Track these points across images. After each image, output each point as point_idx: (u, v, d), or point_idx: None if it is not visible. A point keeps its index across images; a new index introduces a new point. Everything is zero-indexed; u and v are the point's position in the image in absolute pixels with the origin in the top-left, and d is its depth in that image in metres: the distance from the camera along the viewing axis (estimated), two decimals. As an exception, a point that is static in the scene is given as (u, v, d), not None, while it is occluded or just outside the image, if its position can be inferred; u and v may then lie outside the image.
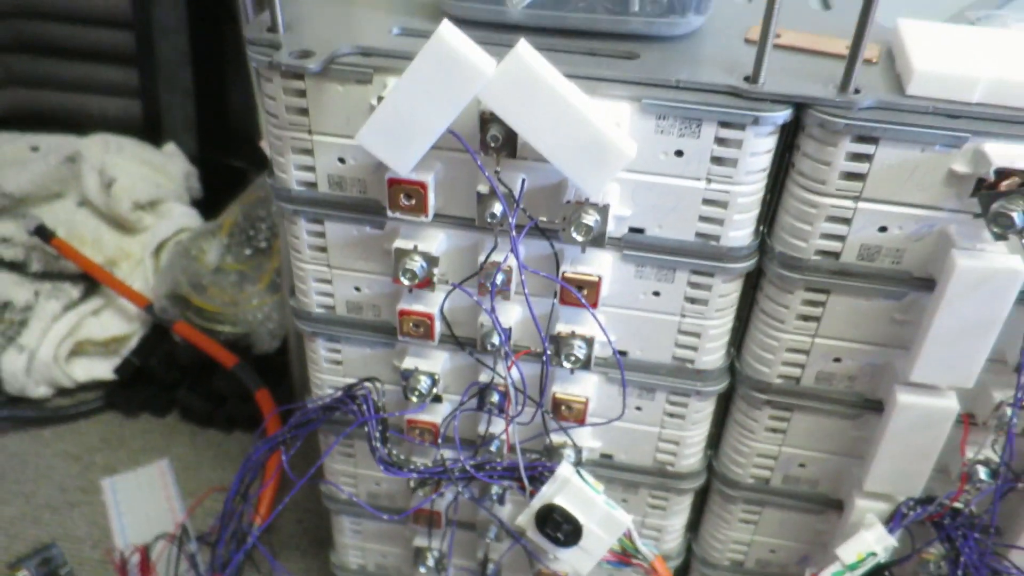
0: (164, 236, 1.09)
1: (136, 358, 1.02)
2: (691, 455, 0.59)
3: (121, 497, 0.91)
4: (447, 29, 0.41)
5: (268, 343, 0.98)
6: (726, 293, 0.51)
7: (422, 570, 0.67)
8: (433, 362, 0.56)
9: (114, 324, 1.05)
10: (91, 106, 1.28)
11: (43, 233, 1.04)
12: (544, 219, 0.48)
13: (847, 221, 0.47)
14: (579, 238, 0.46)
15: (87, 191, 1.10)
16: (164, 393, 1.02)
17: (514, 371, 0.54)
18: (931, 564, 0.57)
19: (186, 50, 1.20)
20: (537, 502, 0.52)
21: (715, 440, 0.61)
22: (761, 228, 0.50)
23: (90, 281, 1.06)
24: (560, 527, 0.51)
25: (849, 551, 0.51)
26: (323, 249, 0.54)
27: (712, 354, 0.54)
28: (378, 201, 0.51)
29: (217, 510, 0.91)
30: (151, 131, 1.24)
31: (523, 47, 0.41)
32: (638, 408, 0.57)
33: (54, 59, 1.26)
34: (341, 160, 0.50)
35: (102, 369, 1.03)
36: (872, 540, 0.50)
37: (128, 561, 0.77)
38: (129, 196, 1.08)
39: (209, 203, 1.17)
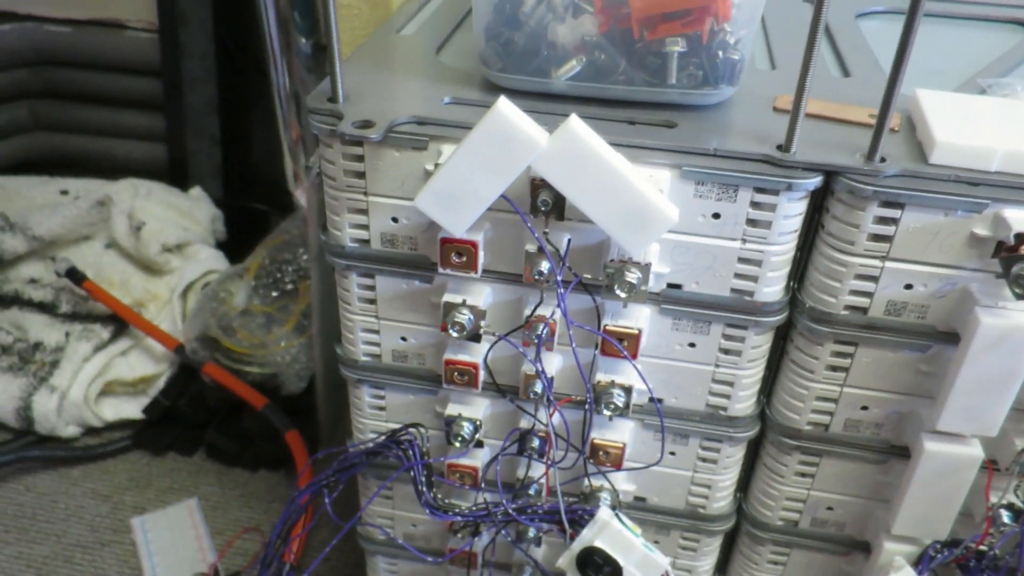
0: (191, 278, 1.12)
1: (165, 398, 1.04)
2: (722, 498, 0.61)
3: (151, 536, 0.92)
4: (505, 104, 0.44)
5: (295, 384, 1.00)
6: (758, 344, 0.54)
7: (457, 610, 0.69)
8: (475, 408, 0.59)
9: (142, 365, 1.07)
10: (118, 151, 1.31)
11: (74, 275, 1.07)
12: (588, 276, 0.51)
13: (874, 279, 0.49)
14: (622, 294, 0.49)
15: (116, 234, 1.13)
16: (191, 433, 1.04)
17: (555, 418, 0.56)
18: (957, 605, 0.59)
19: (214, 98, 1.23)
20: (578, 545, 0.54)
21: (745, 483, 0.63)
22: (792, 284, 0.53)
23: (119, 322, 1.08)
24: (601, 569, 0.53)
25: (879, 593, 0.53)
26: (372, 301, 0.57)
27: (744, 402, 0.56)
28: (428, 257, 0.54)
29: (244, 548, 0.93)
30: (177, 175, 1.27)
31: (575, 120, 0.44)
32: (672, 453, 0.59)
33: (83, 105, 1.29)
34: (394, 219, 0.53)
35: (130, 409, 1.06)
36: (901, 583, 0.53)
37: (164, 601, 0.78)
38: (157, 239, 1.11)
39: (234, 246, 1.21)
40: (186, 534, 0.93)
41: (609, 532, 0.53)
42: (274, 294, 1.06)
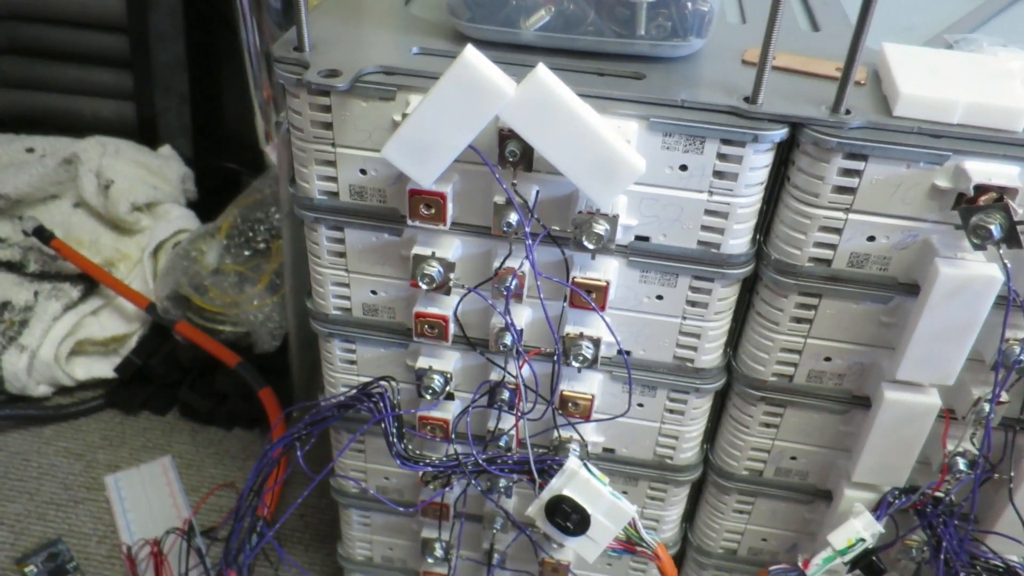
0: (162, 238, 1.11)
1: (137, 357, 1.04)
2: (689, 449, 0.62)
3: (125, 494, 0.93)
4: (472, 53, 0.44)
5: (268, 343, 1.00)
6: (725, 297, 0.54)
7: (429, 560, 0.70)
8: (446, 362, 0.59)
9: (113, 324, 1.06)
10: (85, 109, 1.29)
11: (42, 234, 1.05)
12: (556, 228, 0.51)
13: (838, 231, 0.50)
14: (590, 246, 0.49)
15: (84, 193, 1.11)
16: (164, 392, 1.04)
17: (525, 370, 0.57)
18: (913, 550, 0.61)
19: (182, 55, 1.21)
20: (547, 494, 0.55)
21: (711, 435, 0.64)
22: (758, 237, 0.53)
23: (89, 281, 1.07)
24: (569, 517, 0.54)
25: (840, 537, 0.54)
26: (342, 255, 0.57)
27: (710, 354, 0.57)
28: (397, 210, 0.54)
29: (219, 505, 0.94)
30: (146, 134, 1.25)
31: (542, 70, 0.44)
32: (640, 405, 0.60)
33: (49, 62, 1.27)
34: (363, 171, 0.53)
35: (102, 368, 1.05)
36: (861, 527, 0.54)
37: (137, 555, 0.79)
38: (127, 198, 1.10)
39: (205, 205, 1.19)
40: (160, 491, 0.93)
41: (577, 481, 0.54)
42: (246, 253, 1.06)
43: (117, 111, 1.28)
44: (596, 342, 0.54)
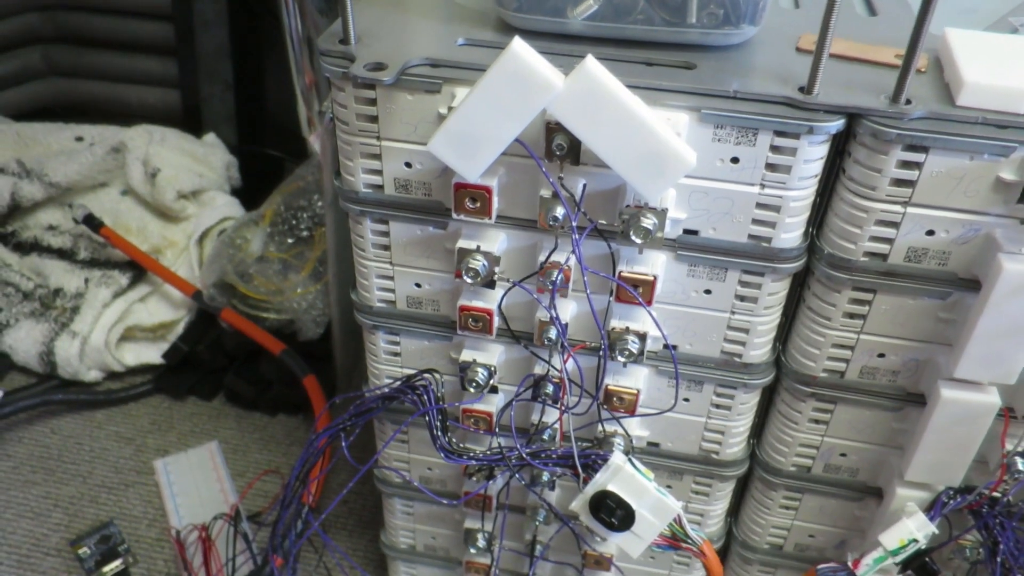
0: (207, 225, 1.12)
1: (184, 344, 1.06)
2: (735, 444, 0.62)
3: (174, 478, 0.94)
4: (520, 45, 0.43)
5: (312, 330, 1.01)
6: (775, 291, 0.53)
7: (472, 551, 0.70)
8: (490, 355, 0.59)
9: (161, 311, 1.08)
10: (131, 97, 1.31)
11: (91, 222, 1.07)
12: (603, 222, 0.50)
13: (895, 225, 0.49)
14: (638, 240, 0.49)
15: (132, 181, 1.13)
16: (210, 377, 1.06)
17: (569, 364, 0.56)
18: (967, 550, 0.59)
19: (226, 42, 1.22)
20: (591, 489, 0.54)
21: (758, 429, 0.63)
22: (811, 230, 0.52)
23: (137, 268, 1.09)
24: (614, 512, 0.53)
25: (891, 537, 0.53)
26: (386, 247, 0.57)
27: (759, 349, 0.56)
28: (442, 203, 0.53)
29: (265, 490, 0.95)
30: (190, 121, 1.27)
31: (591, 62, 0.43)
32: (686, 399, 0.59)
33: (96, 50, 1.29)
34: (408, 164, 0.52)
35: (150, 354, 1.07)
36: (913, 527, 0.53)
37: (186, 540, 0.80)
38: (173, 186, 1.11)
39: (248, 192, 1.20)
40: (207, 476, 0.95)
41: (622, 476, 0.53)
42: (290, 241, 1.07)
43: (163, 99, 1.29)
44: (642, 337, 0.54)
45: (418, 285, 0.58)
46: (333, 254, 0.91)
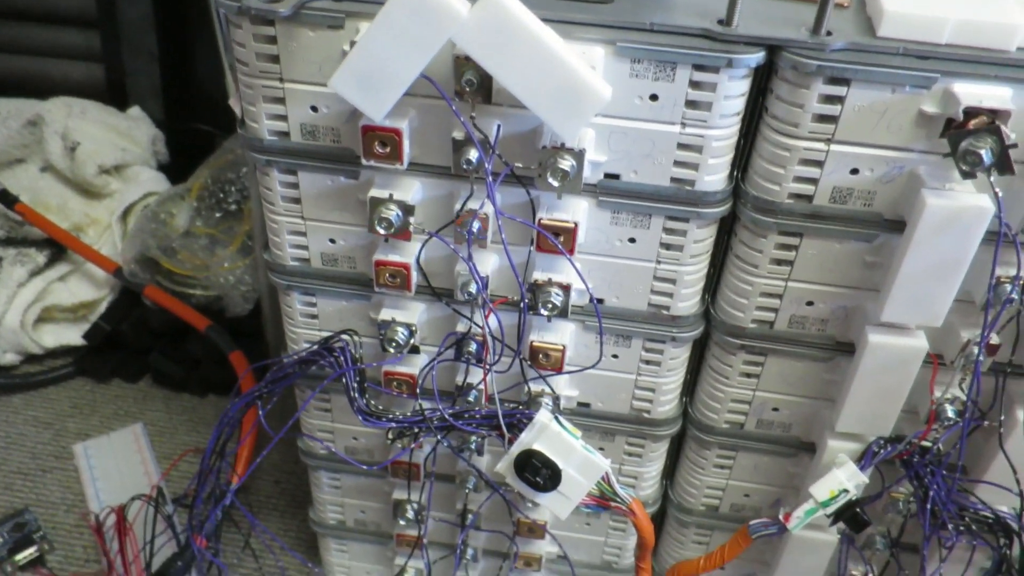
0: (131, 201, 1.07)
1: (106, 323, 1.01)
2: (667, 402, 0.60)
3: (95, 462, 0.90)
4: (420, -31, 0.40)
5: (241, 306, 0.97)
6: (701, 239, 0.51)
7: (402, 522, 0.67)
8: (410, 313, 0.56)
9: (82, 290, 1.03)
10: (53, 71, 1.25)
11: (5, 198, 1.02)
12: (520, 165, 0.48)
13: (820, 164, 0.47)
14: (555, 183, 0.46)
15: (50, 156, 1.08)
16: (136, 358, 1.01)
17: (491, 320, 0.54)
18: (900, 503, 0.59)
19: (149, 12, 1.17)
20: (516, 448, 0.52)
21: (690, 387, 0.62)
22: (735, 173, 0.50)
23: (56, 247, 1.04)
24: (539, 472, 0.51)
25: (822, 489, 0.52)
26: (297, 200, 0.54)
27: (687, 300, 0.54)
28: (352, 150, 0.51)
29: (194, 473, 0.91)
30: (115, 96, 1.21)
31: (498, -12, 0.41)
32: (614, 356, 0.57)
33: (14, 23, 1.22)
34: (314, 108, 0.49)
35: (71, 335, 1.02)
36: (844, 477, 0.52)
37: (104, 523, 0.76)
38: (94, 160, 1.06)
39: (176, 168, 1.16)
40: (131, 459, 0.91)
41: (548, 435, 0.51)
42: (217, 215, 1.03)
43: (86, 73, 1.24)
44: (566, 289, 0.52)
45: (332, 241, 0.56)
46: (259, 225, 0.87)
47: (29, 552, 0.80)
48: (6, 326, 0.97)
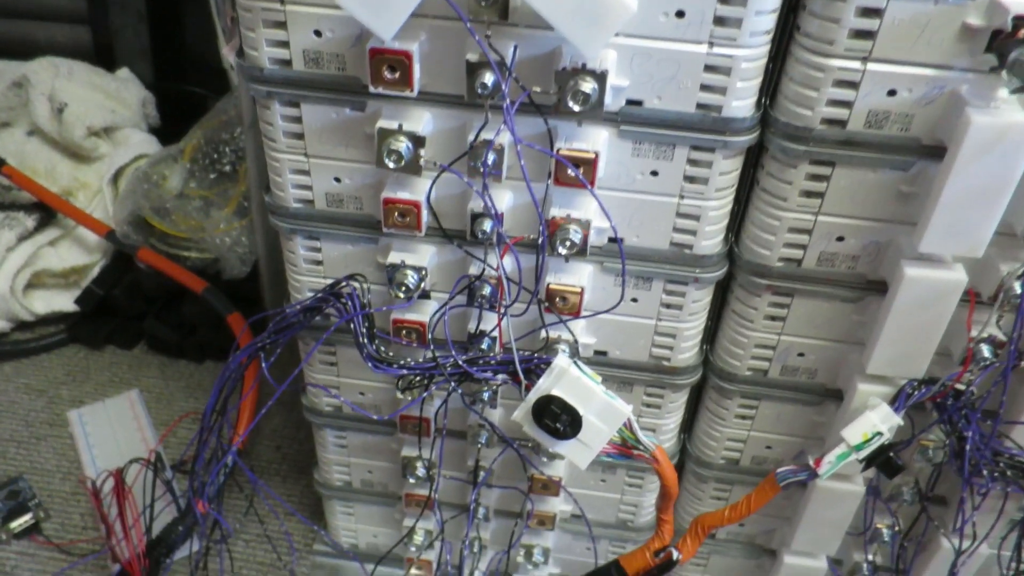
0: (122, 163, 1.04)
1: (98, 288, 0.98)
2: (687, 348, 0.57)
3: (90, 429, 0.88)
4: None
5: (238, 268, 0.94)
6: (727, 170, 0.49)
7: (411, 480, 0.65)
8: (420, 256, 0.54)
9: (73, 255, 1.00)
10: (39, 33, 1.21)
11: (-9, 161, 0.99)
12: (538, 89, 0.45)
13: (855, 85, 0.44)
14: (576, 107, 0.44)
15: (37, 118, 1.04)
16: (130, 324, 0.98)
17: (507, 261, 0.51)
18: (930, 450, 0.57)
19: (136, -31, 1.13)
20: (534, 395, 0.50)
21: (711, 334, 0.59)
22: (764, 99, 0.48)
23: (45, 211, 1.01)
24: (559, 418, 0.49)
25: (854, 432, 0.50)
26: (300, 136, 0.51)
27: (711, 238, 0.52)
28: (358, 79, 0.48)
29: (191, 439, 0.89)
30: (103, 58, 1.18)
31: None
32: (634, 300, 0.55)
33: (-5, -18, 1.18)
34: (317, 33, 0.47)
35: (63, 301, 0.99)
36: (878, 420, 0.49)
37: (101, 488, 0.74)
38: (82, 122, 1.03)
39: (167, 131, 1.12)
40: (127, 425, 0.88)
41: (567, 379, 0.49)
42: (211, 176, 0.99)
43: (72, 35, 1.20)
44: (585, 226, 0.49)
45: (337, 180, 0.53)
46: (256, 184, 0.84)
47: (24, 519, 0.78)
48: (-5, 292, 0.94)
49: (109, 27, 1.18)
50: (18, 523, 0.77)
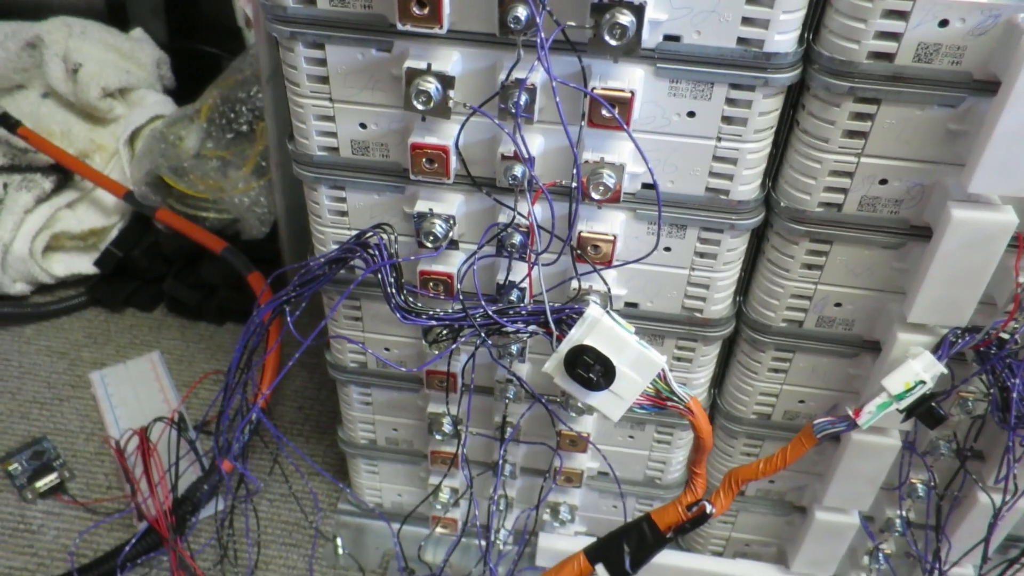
0: (138, 124, 1.03)
1: (117, 249, 0.97)
2: (721, 300, 0.56)
3: (112, 390, 0.87)
4: None
5: (257, 229, 0.93)
6: (767, 111, 0.47)
7: (437, 437, 0.65)
8: (448, 204, 0.52)
9: (91, 217, 1.00)
10: (49, -6, 1.19)
11: (7, 122, 0.97)
12: (572, 23, 0.43)
13: (904, 15, 0.42)
14: (612, 42, 0.42)
15: (51, 79, 1.03)
16: (150, 286, 0.98)
17: (537, 207, 0.50)
18: (970, 402, 0.55)
19: (148, -76, 1.11)
20: (566, 345, 0.48)
21: (745, 285, 0.58)
22: (806, 35, 0.46)
23: (62, 173, 1.00)
24: (592, 368, 0.48)
25: (896, 381, 0.48)
26: (324, 79, 0.50)
27: (748, 183, 0.50)
28: (385, 17, 0.46)
29: (212, 400, 0.88)
30: (115, 18, 1.16)
31: None
32: (667, 249, 0.54)
33: (3, -60, 1.16)
34: (343, -32, 0.45)
35: (82, 264, 0.99)
36: (920, 368, 0.48)
37: (126, 448, 0.74)
38: (97, 83, 1.01)
39: (183, 92, 1.11)
40: (149, 387, 0.88)
41: (600, 329, 0.47)
42: (229, 136, 0.98)
43: (84, -4, 1.18)
44: (619, 170, 0.48)
45: (363, 126, 0.51)
46: (275, 143, 0.83)
47: (50, 479, 0.78)
48: (14, 254, 0.93)
49: (122, -14, 1.16)
50: (43, 482, 0.77)
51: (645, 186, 0.51)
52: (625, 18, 0.41)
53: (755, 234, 0.54)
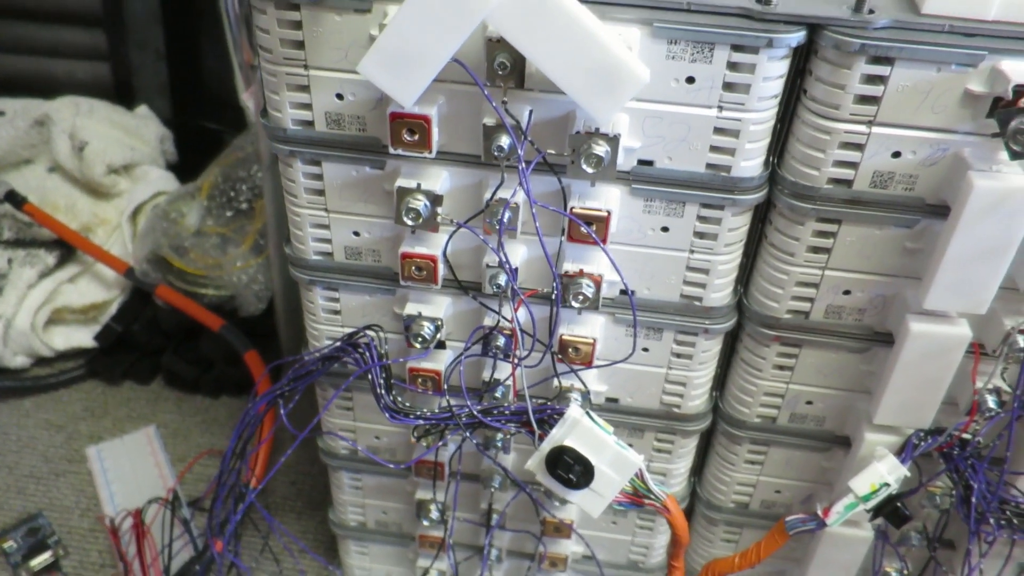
0: (141, 200, 1.06)
1: (117, 324, 1.00)
2: (697, 396, 0.59)
3: (108, 465, 0.89)
4: (454, -53, 0.39)
5: (254, 305, 0.96)
6: (736, 227, 0.50)
7: (425, 523, 0.66)
8: (436, 307, 0.55)
9: (92, 291, 1.02)
10: (58, 70, 1.24)
11: (14, 199, 1.00)
12: (552, 151, 0.47)
13: (860, 147, 0.46)
14: (589, 170, 0.45)
15: (58, 155, 1.06)
16: (147, 360, 1.00)
17: (520, 313, 0.53)
18: (937, 496, 0.57)
19: (155, 8, 1.16)
20: (547, 445, 0.51)
21: (721, 381, 0.60)
22: (772, 159, 0.49)
23: (65, 248, 1.03)
24: (571, 469, 0.50)
25: (862, 482, 0.50)
26: (320, 192, 0.53)
27: (720, 291, 0.53)
28: (378, 139, 0.49)
29: (208, 475, 0.90)
30: (123, 95, 1.20)
31: (533, -34, 0.39)
32: (645, 349, 0.56)
33: (17, 21, 1.21)
34: (339, 96, 0.48)
35: (82, 337, 1.01)
36: (884, 471, 0.50)
37: (120, 527, 0.75)
38: (102, 160, 1.05)
39: (185, 167, 1.14)
40: (145, 461, 0.89)
41: (580, 430, 0.50)
42: (228, 214, 1.01)
43: (92, 72, 1.22)
44: (597, 280, 0.50)
45: (356, 233, 0.54)
46: (273, 222, 0.86)
47: (44, 557, 0.79)
48: (16, 328, 0.96)
49: (128, 64, 1.20)
50: (38, 561, 0.78)
51: (623, 292, 0.54)
52: (601, 148, 0.45)
53: (729, 335, 0.57)
